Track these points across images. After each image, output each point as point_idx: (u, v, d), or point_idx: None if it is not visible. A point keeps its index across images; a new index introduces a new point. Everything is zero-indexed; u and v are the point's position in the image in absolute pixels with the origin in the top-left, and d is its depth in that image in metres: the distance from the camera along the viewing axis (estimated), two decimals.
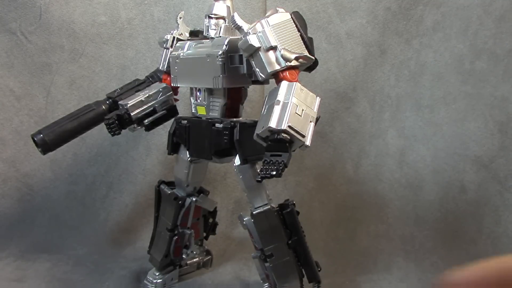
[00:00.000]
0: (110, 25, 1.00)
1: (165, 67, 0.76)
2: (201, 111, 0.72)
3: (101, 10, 0.99)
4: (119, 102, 0.71)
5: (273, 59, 0.58)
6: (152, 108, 0.70)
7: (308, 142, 0.55)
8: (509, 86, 0.98)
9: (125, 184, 1.06)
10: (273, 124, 0.54)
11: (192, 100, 0.73)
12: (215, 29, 0.69)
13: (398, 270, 0.93)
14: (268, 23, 0.59)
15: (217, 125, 0.66)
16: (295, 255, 0.67)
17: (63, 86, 1.02)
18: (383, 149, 1.05)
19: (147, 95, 0.70)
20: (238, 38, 0.62)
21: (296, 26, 0.61)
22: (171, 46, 0.75)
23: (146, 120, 0.70)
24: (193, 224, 0.81)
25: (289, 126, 0.54)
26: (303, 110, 0.56)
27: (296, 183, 1.08)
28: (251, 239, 0.69)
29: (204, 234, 0.86)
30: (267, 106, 0.58)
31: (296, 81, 0.58)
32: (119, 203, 1.05)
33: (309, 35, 0.62)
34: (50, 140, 0.69)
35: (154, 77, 0.79)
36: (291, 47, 0.59)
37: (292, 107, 0.55)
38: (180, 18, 0.76)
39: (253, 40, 0.58)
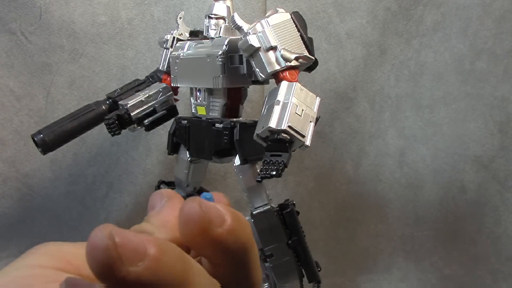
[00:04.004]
0: (110, 25, 1.00)
1: (165, 67, 0.76)
2: (201, 111, 0.72)
3: (101, 10, 0.99)
4: (119, 102, 0.71)
5: (273, 59, 0.58)
6: (152, 108, 0.70)
7: (308, 142, 0.55)
8: (509, 86, 0.98)
9: (125, 184, 1.06)
10: (273, 124, 0.54)
11: (192, 100, 0.73)
12: (215, 29, 0.69)
13: (398, 270, 0.93)
14: (268, 23, 0.59)
15: (217, 125, 0.66)
16: (295, 255, 0.67)
17: (63, 86, 1.02)
18: (383, 149, 1.05)
19: (147, 95, 0.70)
20: (238, 38, 0.62)
21: (296, 26, 0.61)
22: (171, 46, 0.75)
23: (146, 120, 0.70)
24: None
25: (289, 126, 0.54)
26: (303, 110, 0.56)
27: (296, 183, 1.08)
28: None
29: None
30: (267, 106, 0.58)
31: (296, 81, 0.58)
32: (119, 203, 1.05)
33: (309, 35, 0.62)
34: (50, 140, 0.69)
35: (154, 77, 0.79)
36: (291, 47, 0.59)
37: (292, 107, 0.55)
38: (180, 18, 0.76)
39: (253, 40, 0.58)
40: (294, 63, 0.58)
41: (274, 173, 0.53)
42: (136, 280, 0.18)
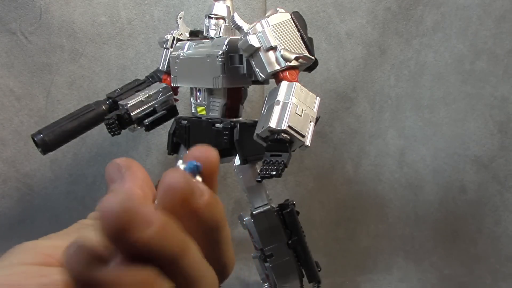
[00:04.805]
0: (110, 25, 1.00)
1: (165, 67, 0.76)
2: (201, 111, 0.72)
3: (101, 10, 0.99)
4: (119, 102, 0.71)
5: (273, 59, 0.58)
6: (152, 108, 0.70)
7: (308, 142, 0.55)
8: (509, 86, 0.98)
9: None
10: (273, 124, 0.54)
11: (192, 100, 0.73)
12: (215, 29, 0.69)
13: (398, 270, 0.93)
14: (268, 23, 0.59)
15: (217, 125, 0.66)
16: (295, 255, 0.67)
17: (63, 86, 1.02)
18: (383, 149, 1.05)
19: (147, 95, 0.70)
20: (238, 38, 0.62)
21: (296, 26, 0.61)
22: (171, 46, 0.75)
23: (146, 120, 0.70)
24: None
25: (289, 126, 0.54)
26: (303, 110, 0.56)
27: (296, 183, 1.08)
28: (251, 239, 0.69)
29: None
30: (267, 106, 0.58)
31: (296, 81, 0.58)
32: None
33: (309, 35, 0.62)
34: (50, 140, 0.69)
35: (154, 77, 0.79)
36: (291, 47, 0.59)
37: (292, 107, 0.55)
38: (180, 18, 0.76)
39: (253, 40, 0.58)
40: (294, 63, 0.58)
41: (274, 173, 0.53)
42: (145, 245, 0.19)
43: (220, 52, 0.64)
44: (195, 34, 0.77)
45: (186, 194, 0.21)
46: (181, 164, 0.24)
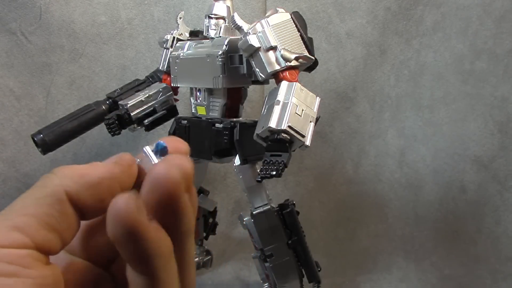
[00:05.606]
0: (110, 25, 1.00)
1: (165, 67, 0.76)
2: (201, 111, 0.72)
3: (101, 10, 0.99)
4: (119, 102, 0.71)
5: (273, 59, 0.58)
6: (152, 108, 0.70)
7: (308, 142, 0.55)
8: (509, 86, 0.98)
9: None
10: (273, 124, 0.54)
11: (192, 100, 0.73)
12: (215, 29, 0.69)
13: (398, 270, 0.93)
14: (268, 23, 0.59)
15: (217, 125, 0.66)
16: (295, 255, 0.67)
17: (63, 86, 1.02)
18: (383, 149, 1.05)
19: (147, 95, 0.70)
20: (238, 38, 0.62)
21: (296, 26, 0.61)
22: (171, 46, 0.75)
23: (146, 120, 0.70)
24: None
25: (289, 126, 0.54)
26: (303, 110, 0.56)
27: (296, 183, 1.08)
28: (251, 239, 0.69)
29: (204, 234, 0.87)
30: (267, 106, 0.58)
31: (296, 81, 0.58)
32: None
33: (309, 35, 0.62)
34: (50, 140, 0.69)
35: (154, 77, 0.79)
36: (291, 47, 0.59)
37: (292, 107, 0.55)
38: (180, 18, 0.76)
39: (253, 40, 0.58)
40: (294, 63, 0.58)
41: (274, 173, 0.53)
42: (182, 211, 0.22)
43: (220, 52, 0.64)
44: (195, 34, 0.77)
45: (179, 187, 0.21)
46: (148, 148, 0.24)
